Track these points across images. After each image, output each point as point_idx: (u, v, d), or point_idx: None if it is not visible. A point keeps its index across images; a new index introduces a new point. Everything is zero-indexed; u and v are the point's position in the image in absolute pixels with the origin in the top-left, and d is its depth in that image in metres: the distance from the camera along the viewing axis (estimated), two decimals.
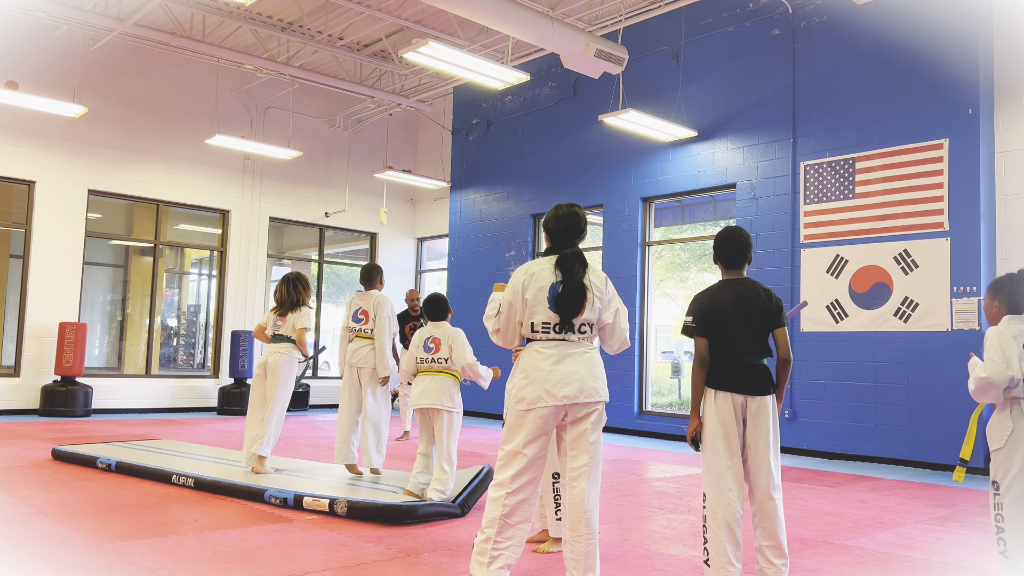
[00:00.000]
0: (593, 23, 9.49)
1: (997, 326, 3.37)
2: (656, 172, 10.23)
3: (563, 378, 3.13)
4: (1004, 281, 3.45)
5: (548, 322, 3.18)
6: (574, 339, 3.20)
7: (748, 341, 3.33)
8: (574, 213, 3.33)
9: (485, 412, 11.84)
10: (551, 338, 3.19)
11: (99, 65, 10.89)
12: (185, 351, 13.08)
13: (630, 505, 5.40)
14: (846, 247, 8.33)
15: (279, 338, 6.00)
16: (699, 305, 3.39)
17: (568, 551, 3.13)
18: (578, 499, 3.12)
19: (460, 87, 12.44)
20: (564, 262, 3.22)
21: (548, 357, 3.16)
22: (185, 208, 12.08)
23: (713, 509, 3.26)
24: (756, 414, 3.28)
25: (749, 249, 3.49)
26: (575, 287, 3.18)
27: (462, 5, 7.44)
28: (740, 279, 3.45)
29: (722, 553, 3.21)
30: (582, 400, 3.15)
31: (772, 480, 3.30)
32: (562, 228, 3.30)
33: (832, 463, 7.90)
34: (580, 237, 3.34)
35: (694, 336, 3.37)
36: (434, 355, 4.98)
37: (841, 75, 8.52)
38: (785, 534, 3.33)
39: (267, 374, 5.92)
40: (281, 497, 4.85)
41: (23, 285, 10.47)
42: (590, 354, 3.24)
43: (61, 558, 3.59)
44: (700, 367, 3.35)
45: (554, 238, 3.33)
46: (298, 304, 6.00)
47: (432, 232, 14.18)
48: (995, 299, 3.44)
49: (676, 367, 11.17)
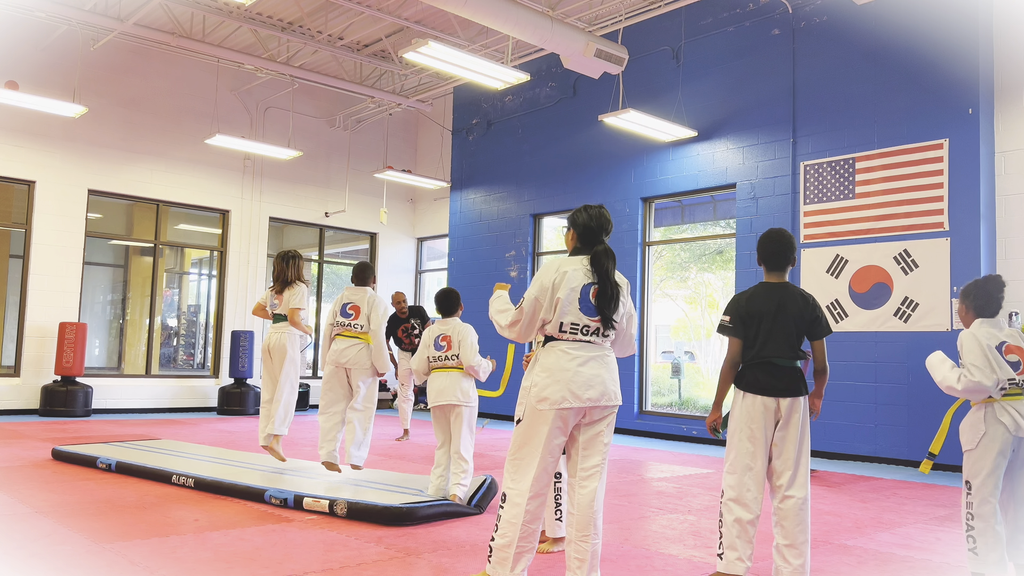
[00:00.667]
0: (593, 23, 9.49)
1: (970, 329, 3.52)
2: (656, 172, 10.23)
3: (588, 380, 3.11)
4: (972, 287, 3.60)
5: (577, 323, 3.14)
6: (598, 342, 3.19)
7: (781, 345, 3.37)
8: (604, 213, 3.31)
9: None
10: (578, 339, 3.16)
11: (99, 65, 10.89)
12: (185, 351, 13.08)
13: (630, 505, 5.40)
14: (846, 247, 8.33)
15: (279, 317, 5.91)
16: (737, 307, 3.45)
17: (573, 551, 3.12)
18: (588, 499, 3.13)
19: (460, 87, 12.44)
20: (598, 260, 3.18)
21: (575, 358, 3.13)
22: (185, 208, 12.08)
23: (730, 507, 3.35)
24: (788, 414, 3.34)
25: (793, 251, 3.53)
26: (612, 286, 3.17)
27: (462, 5, 7.44)
28: (781, 283, 3.48)
29: (733, 547, 3.32)
30: (603, 403, 3.15)
31: (796, 479, 3.34)
32: (595, 226, 3.25)
33: (832, 463, 7.90)
34: (608, 237, 3.32)
35: (729, 336, 3.44)
36: (446, 352, 5.04)
37: (841, 75, 8.52)
38: (808, 536, 3.34)
39: (272, 356, 5.86)
40: (281, 497, 4.85)
41: (23, 285, 10.47)
42: (610, 357, 3.24)
43: (61, 558, 3.59)
44: (731, 367, 3.44)
45: (585, 236, 3.26)
46: (292, 281, 5.87)
47: (432, 232, 14.18)
48: (964, 303, 3.61)
49: (676, 367, 11.15)
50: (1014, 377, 3.36)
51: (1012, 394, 3.37)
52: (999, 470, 3.35)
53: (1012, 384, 3.36)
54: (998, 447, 3.35)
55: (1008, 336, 3.45)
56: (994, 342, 3.40)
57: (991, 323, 3.50)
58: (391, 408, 13.42)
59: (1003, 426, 3.34)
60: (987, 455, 3.36)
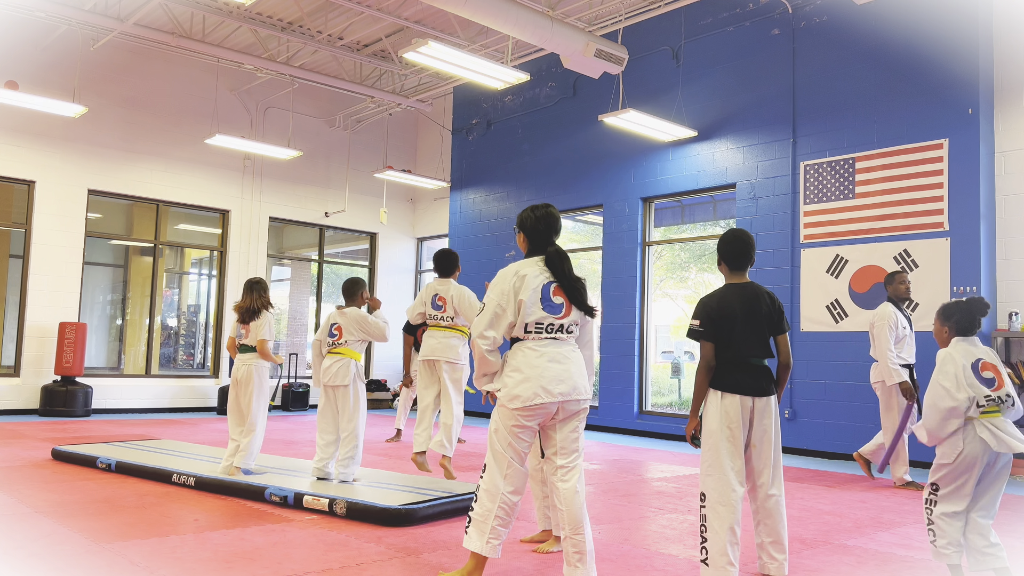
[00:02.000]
0: (593, 23, 9.49)
1: (948, 348, 3.53)
2: (656, 172, 10.23)
3: (557, 375, 3.19)
4: (952, 308, 3.60)
5: (542, 322, 3.23)
6: (563, 338, 3.28)
7: (755, 344, 3.43)
8: (551, 212, 3.43)
9: (485, 413, 11.85)
10: (544, 337, 3.24)
11: (99, 65, 10.90)
12: (185, 351, 13.08)
13: (630, 505, 5.40)
14: (846, 247, 8.33)
15: (245, 348, 5.76)
16: (707, 310, 3.43)
17: (571, 545, 3.18)
18: (573, 493, 3.20)
19: (460, 87, 12.44)
20: (551, 263, 3.31)
21: (543, 355, 3.21)
22: (185, 208, 12.08)
23: (715, 509, 3.29)
24: (762, 414, 3.40)
25: (753, 251, 3.59)
26: (572, 280, 3.29)
27: (462, 5, 7.44)
28: (746, 283, 3.53)
29: (723, 552, 3.24)
30: (574, 397, 3.22)
31: (775, 477, 3.43)
32: (542, 228, 3.38)
33: (832, 463, 7.90)
34: (557, 236, 3.42)
35: (701, 340, 3.41)
36: (443, 313, 5.51)
37: (841, 75, 8.52)
38: (786, 529, 3.45)
39: (241, 387, 5.69)
40: (281, 495, 4.85)
41: (23, 285, 10.47)
42: (577, 354, 3.33)
43: (61, 558, 3.59)
44: (707, 371, 3.41)
45: (534, 238, 3.39)
46: (258, 311, 5.75)
47: (432, 232, 14.18)
48: (945, 325, 3.60)
49: (676, 367, 11.17)
50: (990, 394, 3.38)
51: (989, 411, 3.38)
52: (971, 483, 3.38)
53: (989, 400, 3.37)
54: (974, 463, 3.36)
55: (984, 353, 3.49)
56: (971, 359, 3.44)
57: (968, 341, 3.53)
58: (391, 408, 13.42)
59: (982, 442, 3.35)
60: (960, 470, 3.38)
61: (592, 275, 10.95)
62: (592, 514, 5.01)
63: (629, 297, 10.34)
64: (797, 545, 4.32)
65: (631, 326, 10.29)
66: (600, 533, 4.47)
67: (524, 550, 4.02)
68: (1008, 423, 3.40)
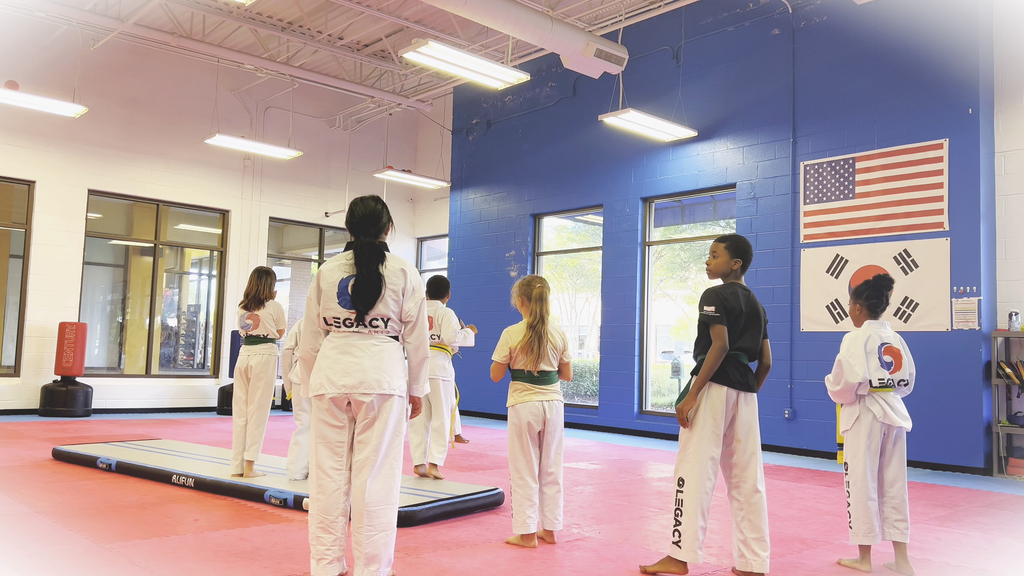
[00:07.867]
0: (593, 23, 9.49)
1: (858, 329, 3.95)
2: (656, 172, 10.23)
3: (345, 368, 3.13)
4: (862, 287, 4.00)
5: (338, 316, 3.18)
6: (364, 332, 3.18)
7: (749, 344, 3.60)
8: (370, 205, 3.29)
9: (486, 412, 11.85)
10: (341, 331, 3.20)
11: (99, 65, 10.90)
12: (185, 351, 13.08)
13: (630, 505, 5.40)
14: (846, 247, 8.33)
15: (252, 339, 5.72)
16: (720, 299, 3.57)
17: (353, 541, 3.13)
18: (359, 492, 3.11)
19: (460, 87, 12.44)
20: (357, 251, 3.19)
21: (335, 347, 3.18)
22: (185, 208, 12.08)
23: (692, 495, 3.48)
24: (748, 410, 3.58)
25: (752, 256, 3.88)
26: (367, 277, 3.15)
27: (462, 5, 7.44)
28: (744, 287, 3.72)
29: (695, 536, 3.45)
30: (362, 391, 3.11)
31: (759, 475, 3.57)
32: (357, 220, 3.27)
33: (832, 463, 7.90)
34: (379, 228, 3.28)
35: (719, 324, 3.53)
36: (430, 332, 5.83)
37: (841, 75, 8.52)
38: (768, 526, 3.57)
39: (249, 378, 5.67)
40: (281, 497, 4.85)
41: (23, 285, 10.47)
42: (380, 347, 3.18)
43: (61, 558, 3.59)
44: (721, 352, 3.52)
45: (351, 229, 3.29)
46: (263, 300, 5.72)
47: (432, 232, 14.18)
48: (856, 302, 4.01)
49: (676, 367, 11.16)
50: (883, 376, 3.84)
51: (882, 388, 3.85)
52: (871, 452, 3.82)
53: (882, 382, 3.84)
54: (867, 430, 3.82)
55: (890, 339, 3.91)
56: (877, 342, 3.85)
57: (877, 324, 3.94)
58: None
59: (871, 414, 3.82)
60: (859, 438, 3.84)
61: (592, 275, 10.94)
62: (592, 514, 5.02)
63: (629, 297, 10.34)
64: (797, 545, 4.32)
65: (631, 326, 10.30)
66: (600, 533, 4.47)
67: (499, 544, 4.01)
68: (897, 399, 3.88)
